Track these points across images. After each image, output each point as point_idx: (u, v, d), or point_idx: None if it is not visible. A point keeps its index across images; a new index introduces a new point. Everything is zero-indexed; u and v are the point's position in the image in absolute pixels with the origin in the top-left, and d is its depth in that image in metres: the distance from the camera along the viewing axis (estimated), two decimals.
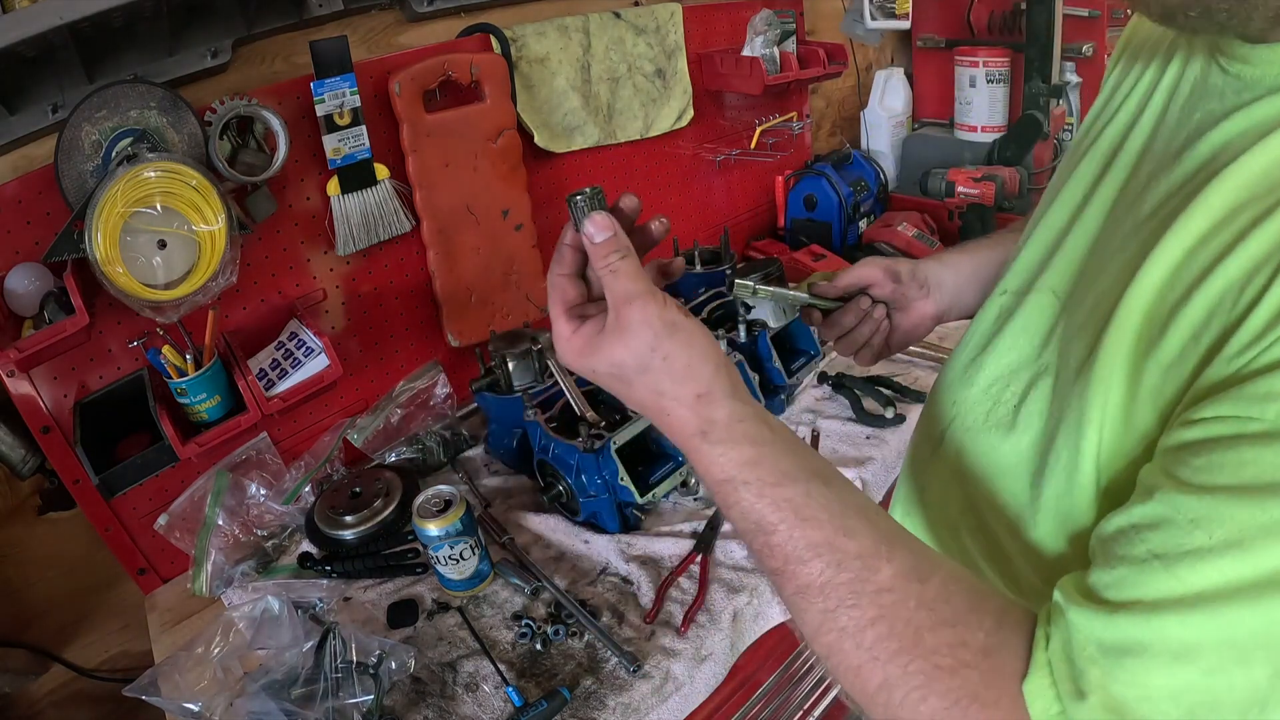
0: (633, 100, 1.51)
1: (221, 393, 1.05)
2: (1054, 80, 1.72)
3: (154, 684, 0.82)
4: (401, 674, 0.88)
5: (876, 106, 2.06)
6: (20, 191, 0.94)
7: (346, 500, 1.14)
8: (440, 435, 1.30)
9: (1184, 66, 0.48)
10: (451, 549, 0.97)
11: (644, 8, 1.49)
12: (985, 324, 0.60)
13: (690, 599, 0.96)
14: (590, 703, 0.85)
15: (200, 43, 1.06)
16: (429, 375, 1.33)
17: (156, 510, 1.09)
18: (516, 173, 1.33)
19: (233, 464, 1.15)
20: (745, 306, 1.29)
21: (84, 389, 1.04)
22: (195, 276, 0.95)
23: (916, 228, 1.79)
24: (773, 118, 1.79)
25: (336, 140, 1.10)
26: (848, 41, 1.82)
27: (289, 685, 0.82)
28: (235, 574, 1.08)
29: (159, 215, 0.91)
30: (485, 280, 1.35)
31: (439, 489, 1.01)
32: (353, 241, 1.17)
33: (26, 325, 0.96)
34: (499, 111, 1.27)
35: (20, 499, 1.09)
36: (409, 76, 1.17)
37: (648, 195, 1.65)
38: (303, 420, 1.26)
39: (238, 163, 1.04)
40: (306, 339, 1.11)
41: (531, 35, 1.32)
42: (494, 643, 0.94)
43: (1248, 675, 0.33)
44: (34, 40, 0.84)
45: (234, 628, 0.88)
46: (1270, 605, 0.32)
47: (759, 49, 1.57)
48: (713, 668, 0.92)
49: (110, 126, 0.92)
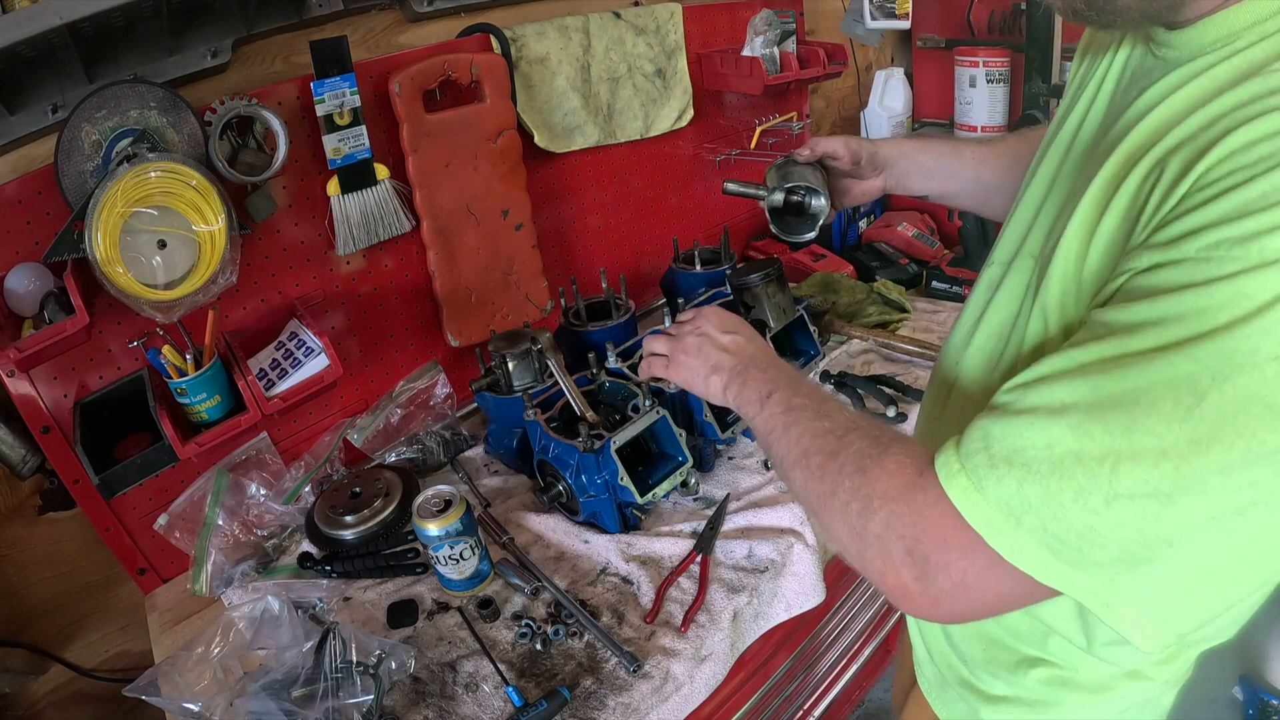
0: (633, 100, 1.51)
1: (221, 393, 1.05)
2: (1054, 80, 1.72)
3: (154, 684, 0.82)
4: (401, 674, 0.88)
5: (876, 106, 2.06)
6: (20, 191, 0.94)
7: (346, 500, 1.14)
8: (440, 435, 1.30)
9: (1128, 55, 0.58)
10: (451, 549, 0.97)
11: (644, 8, 1.49)
12: (980, 294, 0.68)
13: (690, 599, 0.96)
14: (590, 703, 0.85)
15: (200, 43, 1.06)
16: (429, 375, 1.33)
17: (156, 510, 1.09)
18: (516, 173, 1.33)
19: (233, 464, 1.15)
20: (746, 307, 1.29)
21: (84, 389, 1.04)
22: (195, 276, 0.95)
23: (916, 228, 1.79)
24: (773, 118, 1.79)
25: (336, 140, 1.10)
26: (848, 41, 1.82)
27: (289, 685, 0.82)
28: (235, 574, 1.08)
29: (159, 215, 0.91)
30: (485, 280, 1.35)
31: (439, 489, 1.01)
32: (353, 241, 1.17)
33: (26, 325, 0.96)
34: (499, 111, 1.27)
35: (20, 499, 1.09)
36: (409, 76, 1.17)
37: (648, 195, 1.65)
38: (303, 420, 1.26)
39: (238, 163, 1.04)
40: (306, 339, 1.11)
41: (531, 35, 1.32)
42: (494, 643, 0.94)
43: (1105, 429, 0.41)
44: (34, 40, 0.84)
45: (234, 628, 0.88)
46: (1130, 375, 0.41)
47: (759, 49, 1.57)
48: (713, 668, 0.92)
49: (110, 126, 0.92)
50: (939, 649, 0.79)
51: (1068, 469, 0.42)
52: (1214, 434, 0.38)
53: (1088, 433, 0.41)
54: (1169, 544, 0.41)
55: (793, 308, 1.31)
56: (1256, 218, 0.38)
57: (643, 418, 1.06)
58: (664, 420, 1.07)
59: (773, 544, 1.03)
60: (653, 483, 1.05)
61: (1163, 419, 0.39)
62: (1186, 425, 0.39)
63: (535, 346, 1.20)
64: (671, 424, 1.07)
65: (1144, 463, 0.40)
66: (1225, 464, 0.38)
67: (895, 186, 0.97)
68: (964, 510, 0.45)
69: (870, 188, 0.97)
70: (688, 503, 1.14)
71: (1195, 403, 0.38)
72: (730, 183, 1.02)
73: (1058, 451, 0.42)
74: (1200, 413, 0.38)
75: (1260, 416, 0.37)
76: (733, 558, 1.03)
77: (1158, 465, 0.39)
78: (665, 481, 1.06)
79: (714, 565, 1.02)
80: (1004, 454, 0.44)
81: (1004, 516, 0.44)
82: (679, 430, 1.07)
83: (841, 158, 0.94)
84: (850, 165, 0.95)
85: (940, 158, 0.95)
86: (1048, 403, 0.44)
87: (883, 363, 1.43)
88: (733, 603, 0.97)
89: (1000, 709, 0.73)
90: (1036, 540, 0.43)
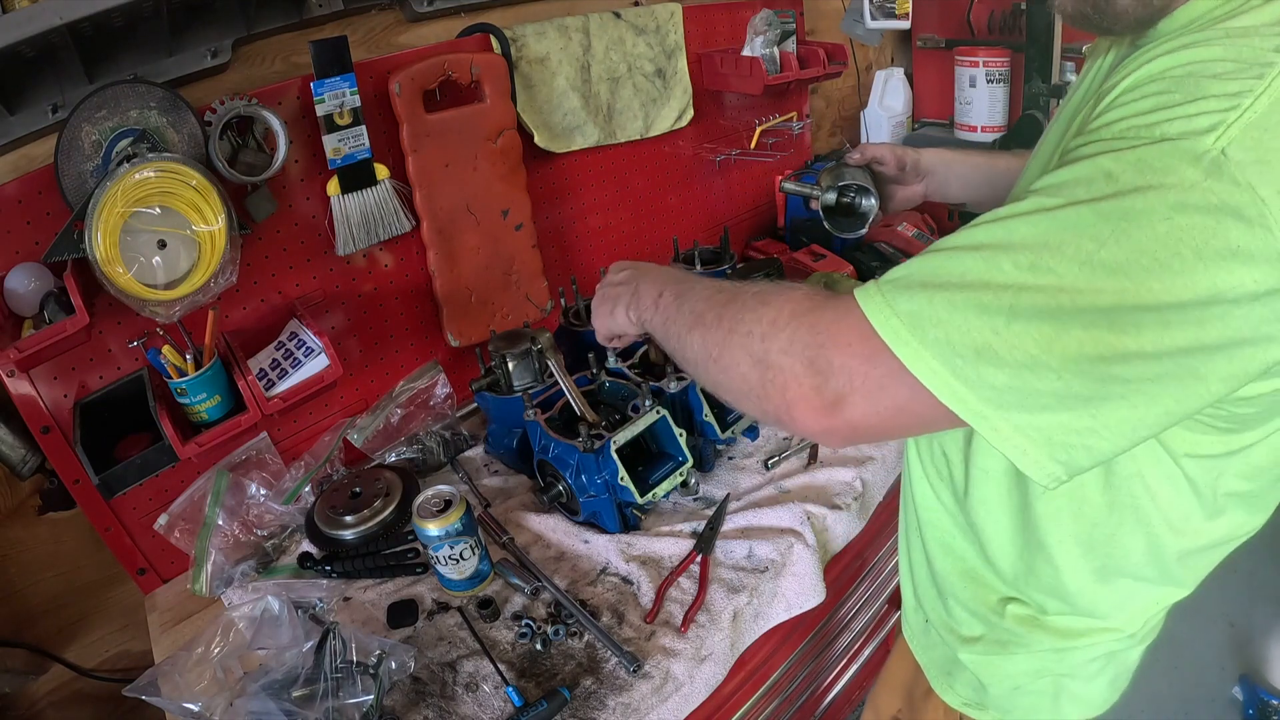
0: (633, 100, 1.51)
1: (221, 393, 1.05)
2: (1054, 80, 1.72)
3: (154, 684, 0.82)
4: (401, 674, 0.88)
5: (876, 106, 2.06)
6: (20, 191, 0.94)
7: (346, 500, 1.14)
8: (440, 435, 1.30)
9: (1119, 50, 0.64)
10: (451, 549, 0.97)
11: (644, 8, 1.49)
12: None
13: (690, 599, 0.96)
14: (590, 703, 0.85)
15: (200, 43, 1.06)
16: (429, 375, 1.33)
17: (156, 510, 1.09)
18: (516, 173, 1.33)
19: (233, 464, 1.15)
20: None
21: (84, 389, 1.04)
22: (195, 276, 0.95)
23: (916, 227, 1.79)
24: (773, 118, 1.79)
25: (336, 140, 1.10)
26: (848, 41, 1.82)
27: (289, 685, 0.82)
28: (235, 574, 1.08)
29: (159, 215, 0.91)
30: (485, 280, 1.35)
31: (439, 489, 1.01)
32: (353, 241, 1.17)
33: (26, 325, 0.96)
34: (499, 111, 1.27)
35: (20, 499, 1.09)
36: (409, 76, 1.17)
37: (648, 195, 1.65)
38: (303, 420, 1.26)
39: (238, 163, 1.04)
40: (306, 339, 1.11)
41: (531, 35, 1.32)
42: (494, 643, 0.94)
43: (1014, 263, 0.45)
44: (34, 40, 0.84)
45: (234, 628, 0.88)
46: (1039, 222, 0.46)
47: (759, 49, 1.57)
48: (713, 668, 0.92)
49: (110, 126, 0.92)
50: (927, 593, 0.86)
51: (975, 291, 0.46)
52: (1108, 278, 0.43)
53: (997, 265, 0.46)
54: (1056, 374, 0.44)
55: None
56: (1164, 111, 0.44)
57: (643, 418, 1.06)
58: (664, 420, 1.07)
59: (773, 544, 1.03)
60: (653, 483, 1.05)
61: (1065, 259, 0.44)
62: (1086, 268, 0.43)
63: (535, 346, 1.20)
64: (671, 424, 1.07)
65: (1044, 294, 0.44)
66: (1115, 305, 0.43)
67: (935, 194, 1.03)
68: (873, 319, 0.49)
69: (912, 193, 1.03)
70: (688, 503, 1.14)
71: (1096, 249, 0.43)
72: (786, 182, 1.11)
73: (969, 278, 0.46)
74: (1099, 258, 0.43)
75: (1149, 268, 0.42)
76: (733, 558, 1.03)
77: (1055, 298, 0.44)
78: (665, 481, 1.06)
79: (714, 565, 1.02)
80: (920, 278, 0.49)
81: (909, 329, 0.47)
82: (679, 430, 1.07)
83: (888, 162, 1.00)
84: (895, 170, 1.00)
85: (977, 168, 1.00)
86: (966, 242, 0.48)
87: None
88: (733, 603, 0.97)
89: (974, 648, 0.80)
90: (937, 353, 0.47)
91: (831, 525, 1.09)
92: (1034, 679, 0.77)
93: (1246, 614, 1.91)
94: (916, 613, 0.90)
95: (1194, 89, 0.44)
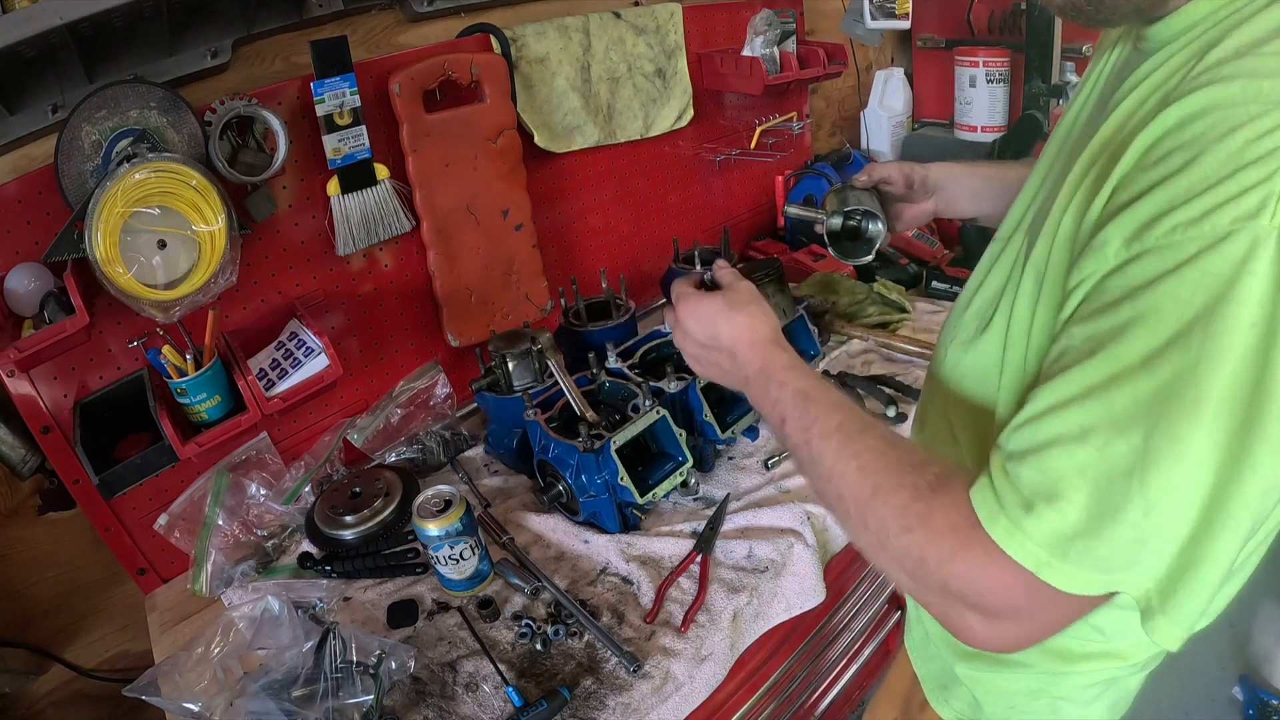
0: (633, 100, 1.51)
1: (221, 393, 1.05)
2: (1054, 80, 1.72)
3: (154, 684, 0.82)
4: (401, 674, 0.88)
5: (876, 106, 2.06)
6: (20, 191, 0.94)
7: (346, 500, 1.14)
8: (440, 435, 1.30)
9: (1120, 52, 0.63)
10: (451, 549, 0.97)
11: (644, 8, 1.49)
12: (982, 268, 0.72)
13: (690, 599, 0.96)
14: (590, 703, 0.85)
15: (200, 43, 1.06)
16: (429, 375, 1.33)
17: (156, 510, 1.09)
18: (516, 173, 1.33)
19: (233, 464, 1.15)
20: None
21: (84, 389, 1.04)
22: (195, 276, 0.95)
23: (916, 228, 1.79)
24: (773, 118, 1.79)
25: (336, 140, 1.10)
26: (848, 41, 1.82)
27: (289, 685, 0.82)
28: (235, 574, 1.08)
29: (159, 215, 0.91)
30: (485, 280, 1.35)
31: (439, 489, 1.01)
32: (353, 241, 1.17)
33: (26, 325, 0.96)
34: (499, 111, 1.27)
35: (20, 499, 1.09)
36: (409, 76, 1.17)
37: (648, 195, 1.65)
38: (303, 420, 1.26)
39: (238, 163, 1.04)
40: (306, 339, 1.11)
41: (531, 35, 1.32)
42: (494, 643, 0.94)
43: (1127, 443, 0.43)
44: (34, 40, 0.84)
45: (234, 628, 0.88)
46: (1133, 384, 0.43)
47: (759, 49, 1.57)
48: (713, 668, 0.92)
49: (110, 126, 0.92)
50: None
51: (1102, 490, 0.44)
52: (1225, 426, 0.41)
53: (1113, 451, 0.43)
54: (1213, 539, 0.43)
55: (793, 308, 1.30)
56: (1202, 199, 0.42)
57: (643, 418, 1.06)
58: (664, 420, 1.07)
59: (773, 544, 1.03)
60: (653, 483, 1.05)
61: (1175, 420, 0.42)
62: (1196, 422, 0.41)
63: (535, 346, 1.20)
64: (671, 424, 1.07)
65: (1171, 467, 0.42)
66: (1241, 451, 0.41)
67: (944, 210, 1.00)
68: (1014, 554, 0.47)
69: (922, 211, 1.00)
70: (688, 503, 1.14)
71: (1198, 394, 0.41)
72: (790, 206, 1.08)
73: (1089, 476, 0.44)
74: (1206, 408, 0.41)
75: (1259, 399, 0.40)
76: (733, 558, 1.03)
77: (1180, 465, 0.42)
78: (665, 481, 1.06)
79: (714, 565, 1.02)
80: (1038, 491, 0.46)
81: (1051, 553, 0.46)
82: (679, 430, 1.07)
83: (896, 182, 0.96)
84: (904, 189, 0.97)
85: (987, 181, 0.97)
86: (1067, 431, 0.45)
87: (882, 363, 1.44)
88: (733, 603, 0.97)
89: (971, 663, 0.78)
90: (1088, 565, 0.45)
91: (832, 525, 1.09)
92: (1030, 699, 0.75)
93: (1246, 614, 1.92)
94: (918, 625, 0.89)
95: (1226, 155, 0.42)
